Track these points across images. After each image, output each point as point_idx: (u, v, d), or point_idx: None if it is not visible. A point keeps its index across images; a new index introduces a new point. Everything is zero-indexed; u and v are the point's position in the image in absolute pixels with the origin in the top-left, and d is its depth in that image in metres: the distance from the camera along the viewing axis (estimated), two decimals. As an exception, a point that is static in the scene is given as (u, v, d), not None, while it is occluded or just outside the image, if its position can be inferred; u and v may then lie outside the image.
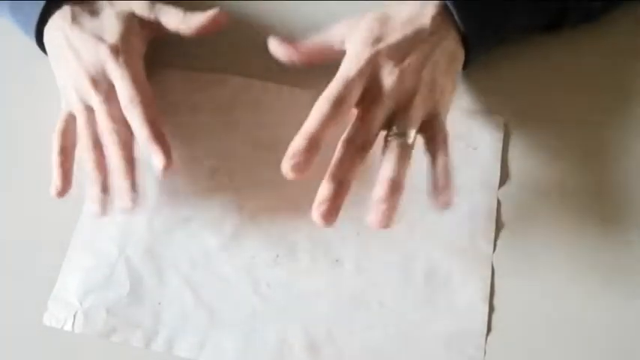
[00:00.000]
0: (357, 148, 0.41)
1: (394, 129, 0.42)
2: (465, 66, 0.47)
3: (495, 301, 0.43)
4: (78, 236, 0.47)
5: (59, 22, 0.47)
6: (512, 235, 0.45)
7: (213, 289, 0.45)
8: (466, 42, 0.46)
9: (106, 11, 0.48)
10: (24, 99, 0.52)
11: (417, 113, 0.43)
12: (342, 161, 0.41)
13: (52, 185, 0.45)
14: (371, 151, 0.42)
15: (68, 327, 0.44)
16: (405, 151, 0.41)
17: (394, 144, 0.42)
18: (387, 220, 0.40)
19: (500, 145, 0.48)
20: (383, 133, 0.43)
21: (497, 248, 0.45)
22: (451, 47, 0.45)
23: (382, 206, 0.40)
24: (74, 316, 0.44)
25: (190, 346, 0.43)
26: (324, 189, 0.40)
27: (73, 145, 0.47)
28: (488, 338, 0.42)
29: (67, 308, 0.44)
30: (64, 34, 0.47)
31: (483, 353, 0.42)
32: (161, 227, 0.47)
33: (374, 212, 0.40)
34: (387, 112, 0.43)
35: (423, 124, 0.43)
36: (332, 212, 0.40)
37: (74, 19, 0.47)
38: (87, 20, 0.47)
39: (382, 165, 0.41)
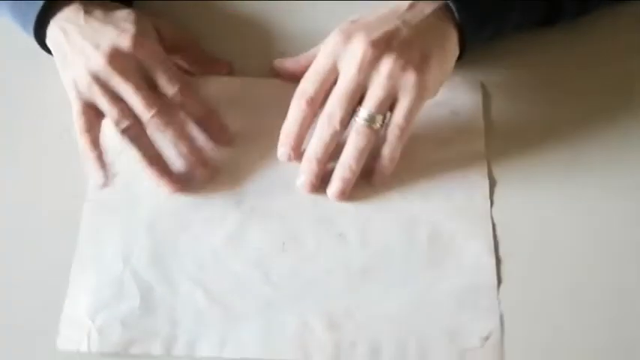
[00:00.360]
0: (334, 127, 0.44)
1: (363, 112, 0.44)
2: (462, 55, 0.48)
3: (501, 253, 0.45)
4: (80, 253, 0.45)
5: (71, 15, 0.47)
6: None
7: (225, 286, 0.44)
8: (462, 32, 0.46)
9: (121, 10, 0.49)
10: (24, 99, 0.51)
11: (386, 91, 0.44)
12: (319, 140, 0.44)
13: (97, 179, 0.47)
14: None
15: (84, 348, 0.42)
16: (369, 138, 0.44)
17: (361, 129, 0.44)
18: (342, 196, 0.46)
19: (480, 107, 0.50)
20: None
21: (494, 203, 0.46)
22: (435, 22, 0.46)
23: (338, 184, 0.46)
24: (88, 336, 0.43)
25: (211, 345, 0.43)
26: (303, 165, 0.46)
27: (98, 135, 0.47)
28: (501, 289, 0.44)
29: (80, 329, 0.43)
30: (76, 25, 0.47)
31: (498, 304, 0.43)
32: (162, 232, 0.46)
33: (332, 186, 0.46)
34: (360, 87, 0.44)
35: (393, 103, 0.45)
36: (313, 186, 0.46)
37: (87, 12, 0.47)
38: (101, 15, 0.48)
39: (347, 146, 0.45)
